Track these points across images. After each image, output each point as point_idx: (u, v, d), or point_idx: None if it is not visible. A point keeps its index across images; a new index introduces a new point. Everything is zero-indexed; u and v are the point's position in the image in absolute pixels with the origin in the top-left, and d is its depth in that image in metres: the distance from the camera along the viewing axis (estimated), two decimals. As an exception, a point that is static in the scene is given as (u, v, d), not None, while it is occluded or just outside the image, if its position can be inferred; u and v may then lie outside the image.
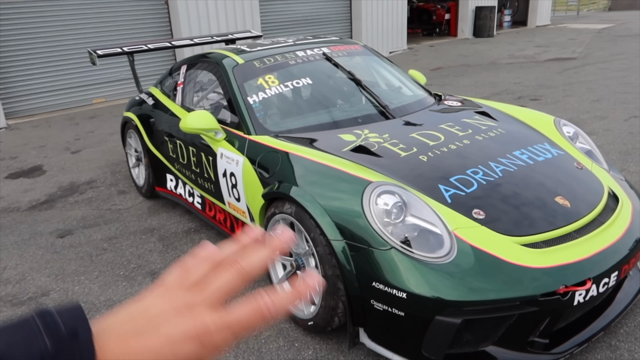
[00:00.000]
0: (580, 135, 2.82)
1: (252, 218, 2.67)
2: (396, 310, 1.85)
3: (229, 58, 3.22)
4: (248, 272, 0.43)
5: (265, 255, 0.44)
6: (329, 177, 2.20)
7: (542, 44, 12.95)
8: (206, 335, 0.39)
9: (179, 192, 3.65)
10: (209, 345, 0.39)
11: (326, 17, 11.83)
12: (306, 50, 3.30)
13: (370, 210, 1.96)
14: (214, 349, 0.40)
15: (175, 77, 3.91)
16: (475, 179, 2.19)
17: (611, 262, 1.95)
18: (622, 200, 2.30)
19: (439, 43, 14.73)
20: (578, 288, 1.83)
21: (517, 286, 1.80)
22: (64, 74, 8.13)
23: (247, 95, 2.93)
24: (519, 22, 18.99)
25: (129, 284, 2.90)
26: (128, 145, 4.35)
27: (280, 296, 0.42)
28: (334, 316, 2.10)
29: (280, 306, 0.42)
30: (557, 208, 2.10)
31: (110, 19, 8.40)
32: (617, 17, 20.49)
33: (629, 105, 6.03)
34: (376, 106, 2.96)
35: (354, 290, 1.96)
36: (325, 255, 2.04)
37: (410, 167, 2.26)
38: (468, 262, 1.84)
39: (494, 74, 9.03)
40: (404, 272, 1.83)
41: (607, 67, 8.75)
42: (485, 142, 2.52)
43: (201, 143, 3.06)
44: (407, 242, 1.89)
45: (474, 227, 1.96)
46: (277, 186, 2.32)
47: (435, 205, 2.03)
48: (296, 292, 0.43)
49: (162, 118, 3.72)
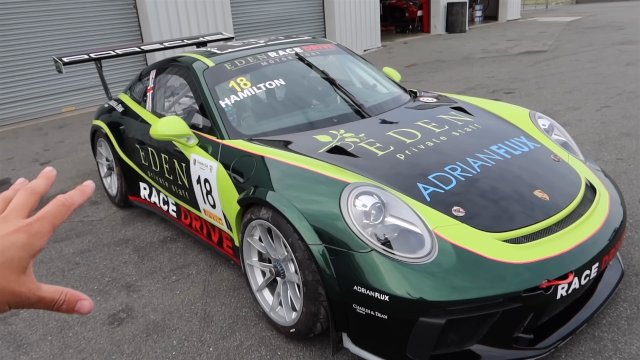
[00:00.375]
0: (555, 127, 2.82)
1: (228, 225, 2.59)
2: (379, 313, 1.81)
3: (199, 61, 3.13)
4: (33, 188, 0.57)
5: (40, 180, 0.59)
6: (306, 180, 2.15)
7: (514, 37, 13.12)
8: (28, 226, 0.52)
9: (153, 201, 3.55)
10: (33, 232, 0.52)
11: (299, 17, 11.76)
12: (278, 51, 3.23)
13: (349, 212, 1.91)
14: (38, 235, 0.52)
15: (144, 83, 3.80)
16: (454, 175, 2.16)
17: (592, 253, 1.94)
18: (600, 191, 2.30)
19: (413, 40, 14.81)
20: (560, 282, 1.81)
21: (500, 283, 1.78)
22: (30, 83, 7.88)
23: (218, 99, 2.85)
24: (490, 17, 19.25)
25: (103, 299, 2.79)
26: (99, 155, 4.22)
27: (72, 192, 0.58)
28: (316, 322, 2.05)
29: (73, 196, 0.57)
30: (536, 202, 2.08)
31: (78, 24, 8.18)
32: (584, 9, 20.93)
33: (600, 95, 6.13)
34: (351, 105, 2.91)
35: (335, 295, 1.90)
36: (304, 260, 1.98)
37: (387, 167, 2.22)
38: (450, 261, 1.81)
39: (468, 68, 9.10)
40: (385, 275, 1.79)
41: (577, 59, 8.90)
42: (462, 138, 2.50)
43: (173, 150, 2.97)
44: (387, 243, 1.85)
45: (454, 224, 1.93)
46: (253, 191, 2.26)
47: (414, 204, 1.99)
48: (80, 189, 0.59)
49: (132, 125, 3.61)
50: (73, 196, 0.58)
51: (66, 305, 0.54)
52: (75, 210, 0.57)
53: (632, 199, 3.27)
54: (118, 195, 3.94)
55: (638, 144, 4.28)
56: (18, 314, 2.70)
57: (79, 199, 0.58)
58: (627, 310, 2.23)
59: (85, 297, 0.56)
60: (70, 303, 0.55)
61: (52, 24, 7.93)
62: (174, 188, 3.13)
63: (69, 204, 0.56)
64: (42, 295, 0.53)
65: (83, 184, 0.60)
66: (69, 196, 0.57)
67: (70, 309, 0.55)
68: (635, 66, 7.70)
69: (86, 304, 0.56)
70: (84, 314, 0.58)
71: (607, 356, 1.98)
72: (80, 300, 0.55)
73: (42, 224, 0.53)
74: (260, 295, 2.41)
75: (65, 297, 0.54)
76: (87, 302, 0.56)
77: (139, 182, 3.67)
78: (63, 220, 0.56)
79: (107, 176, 4.18)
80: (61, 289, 0.54)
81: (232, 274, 2.90)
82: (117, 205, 4.05)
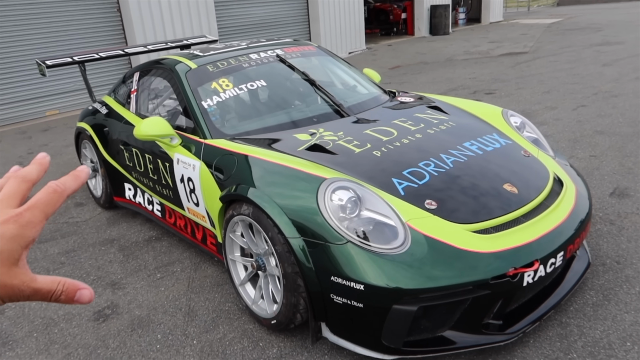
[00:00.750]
0: (527, 124, 2.94)
1: (212, 222, 2.66)
2: (355, 302, 1.89)
3: (182, 63, 3.19)
4: (24, 176, 0.54)
5: (33, 167, 0.56)
6: (285, 177, 2.22)
7: (496, 39, 13.35)
8: (18, 216, 0.50)
9: (138, 201, 3.59)
10: (23, 222, 0.50)
11: (284, 20, 11.85)
12: (260, 53, 3.31)
13: (326, 206, 1.99)
14: (30, 225, 0.50)
15: (128, 85, 3.85)
16: (427, 170, 2.25)
17: (557, 243, 2.04)
18: (567, 184, 2.41)
19: (397, 42, 14.98)
20: (526, 269, 1.91)
21: (470, 271, 1.87)
22: (14, 87, 7.85)
23: (201, 100, 2.92)
24: (473, 19, 19.53)
25: (89, 297, 2.83)
26: (83, 157, 4.25)
27: (64, 178, 0.55)
28: (295, 313, 2.12)
29: (65, 182, 0.55)
30: (505, 194, 2.18)
31: (61, 28, 8.17)
32: (565, 12, 21.32)
33: (577, 95, 6.30)
34: (331, 105, 2.99)
35: (313, 286, 1.98)
36: (284, 253, 2.06)
37: (364, 163, 2.31)
38: (422, 251, 1.90)
39: (451, 70, 9.26)
40: (360, 265, 1.87)
41: (557, 60, 9.10)
42: (437, 135, 2.60)
43: (157, 150, 3.02)
44: (363, 236, 1.93)
45: (427, 217, 2.01)
46: (235, 188, 2.33)
47: (389, 198, 2.07)
48: (74, 174, 0.57)
49: (116, 127, 3.66)
50: (66, 182, 0.55)
51: (65, 295, 0.52)
52: (69, 196, 0.55)
53: (602, 194, 3.40)
54: (103, 196, 3.98)
55: (611, 142, 4.42)
56: (3, 313, 2.74)
57: (73, 185, 0.55)
58: (593, 297, 2.34)
59: (84, 285, 0.53)
60: (69, 293, 0.52)
61: (35, 27, 7.91)
62: (158, 188, 3.18)
63: (62, 190, 0.54)
64: (38, 287, 0.51)
65: (77, 169, 0.58)
66: (62, 182, 0.54)
67: (69, 299, 0.53)
68: (611, 67, 7.91)
69: (86, 292, 0.53)
70: (84, 304, 0.54)
71: (572, 340, 2.08)
72: (80, 289, 0.53)
73: (34, 212, 0.51)
74: (243, 289, 2.47)
75: (63, 287, 0.52)
76: (87, 290, 0.53)
77: (123, 183, 3.71)
78: (56, 208, 0.53)
79: (91, 178, 4.21)
80: (58, 279, 0.52)
81: (216, 270, 2.96)
82: (102, 207, 4.08)
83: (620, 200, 3.28)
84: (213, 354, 2.26)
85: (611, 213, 3.11)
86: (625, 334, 2.09)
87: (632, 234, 2.84)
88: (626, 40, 10.63)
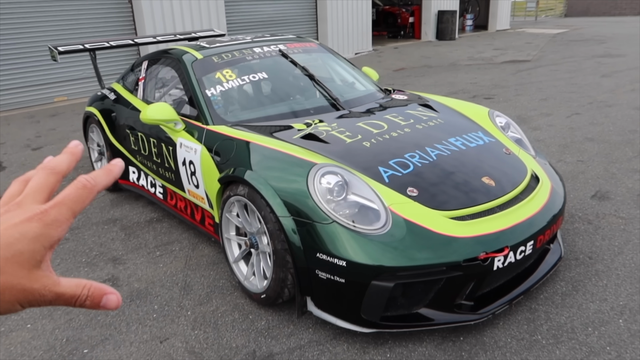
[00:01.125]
0: (511, 125, 3.10)
1: (210, 203, 2.82)
2: (338, 277, 2.05)
3: (188, 54, 3.36)
4: (53, 167, 0.51)
5: (63, 157, 0.52)
6: (279, 161, 2.39)
7: (500, 47, 13.50)
8: (42, 213, 0.46)
9: (142, 184, 3.76)
10: (48, 220, 0.46)
11: (292, 19, 12.02)
12: (263, 47, 3.48)
13: (315, 189, 2.15)
14: (55, 223, 0.46)
15: (137, 73, 4.02)
16: (412, 161, 2.41)
17: (527, 233, 2.20)
18: (543, 181, 2.57)
19: (403, 45, 15.14)
20: (497, 254, 2.07)
21: (444, 253, 2.03)
22: (24, 72, 8.05)
23: (205, 88, 3.09)
24: (480, 26, 19.68)
25: (91, 269, 3.00)
26: (90, 140, 4.43)
27: (96, 172, 0.51)
28: (284, 288, 2.28)
29: (97, 177, 0.50)
30: (482, 187, 2.34)
31: (73, 16, 8.37)
32: (572, 22, 21.45)
33: (573, 103, 6.45)
34: (328, 99, 3.16)
35: (300, 262, 2.14)
36: (275, 231, 2.22)
37: (354, 152, 2.47)
38: (401, 232, 2.06)
39: (453, 74, 9.41)
40: (343, 243, 2.03)
41: (558, 69, 9.24)
42: (425, 130, 2.76)
43: (162, 135, 3.19)
44: (347, 217, 2.09)
45: (407, 202, 2.18)
46: (233, 170, 2.49)
47: (374, 184, 2.24)
48: (107, 168, 0.53)
49: (123, 112, 3.83)
50: (97, 177, 0.50)
51: (90, 300, 0.48)
52: (99, 192, 0.51)
53: (584, 196, 3.55)
54: (108, 178, 4.14)
55: (599, 148, 4.58)
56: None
57: (104, 180, 0.51)
58: (562, 288, 2.50)
59: (112, 290, 0.49)
60: (95, 298, 0.48)
61: (47, 15, 8.11)
62: (161, 171, 3.35)
63: (92, 186, 0.49)
64: (61, 292, 0.46)
65: (111, 162, 0.54)
66: (93, 177, 0.50)
67: (95, 304, 0.48)
68: (610, 78, 8.05)
69: (113, 298, 0.49)
70: (111, 310, 0.49)
71: (538, 324, 2.24)
72: (106, 294, 0.49)
73: (60, 210, 0.47)
74: (236, 266, 2.64)
75: (89, 292, 0.48)
76: (114, 296, 0.49)
77: (128, 166, 3.88)
78: (85, 205, 0.49)
79: (97, 161, 4.38)
80: (83, 283, 0.48)
81: (212, 250, 3.13)
82: (107, 189, 4.25)
83: (601, 202, 3.43)
84: (206, 324, 2.42)
85: (590, 213, 3.27)
86: (588, 320, 2.25)
87: (607, 233, 3.00)
88: (627, 53, 10.78)
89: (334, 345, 2.20)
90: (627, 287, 2.47)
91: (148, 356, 2.23)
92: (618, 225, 3.09)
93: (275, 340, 2.26)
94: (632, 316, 2.26)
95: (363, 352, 2.14)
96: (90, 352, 2.28)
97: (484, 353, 2.09)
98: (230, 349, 2.23)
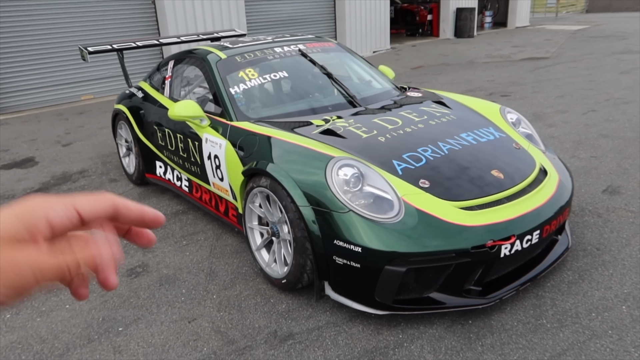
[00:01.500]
0: (522, 121, 3.20)
1: (234, 195, 3.00)
2: (353, 262, 2.20)
3: (213, 54, 3.55)
4: (105, 255, 0.47)
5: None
6: (299, 155, 2.55)
7: (519, 44, 13.44)
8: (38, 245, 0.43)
9: (168, 178, 3.96)
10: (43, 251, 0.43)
11: (311, 17, 12.18)
12: (283, 47, 3.64)
13: (332, 180, 2.31)
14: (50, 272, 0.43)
15: (163, 72, 4.22)
16: (425, 155, 2.55)
17: (534, 223, 2.31)
18: (551, 174, 2.68)
19: (421, 43, 15.17)
20: (504, 242, 2.20)
21: (453, 240, 2.16)
22: (52, 71, 8.37)
23: (229, 87, 3.27)
24: (500, 23, 19.55)
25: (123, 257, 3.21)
26: (119, 136, 4.65)
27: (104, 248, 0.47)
28: (303, 273, 2.45)
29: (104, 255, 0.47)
30: (491, 179, 2.47)
31: (98, 17, 8.66)
32: (593, 19, 21.16)
33: (590, 100, 6.47)
34: (345, 96, 3.31)
35: (319, 248, 2.30)
36: (295, 220, 2.38)
37: (369, 146, 2.62)
38: (413, 221, 2.20)
39: (470, 72, 9.46)
40: (359, 230, 2.18)
41: (576, 66, 9.22)
42: (437, 126, 2.89)
43: (188, 130, 3.38)
44: (363, 206, 2.24)
45: (420, 193, 2.32)
46: (256, 163, 2.66)
47: (388, 176, 2.38)
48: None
49: (151, 109, 4.03)
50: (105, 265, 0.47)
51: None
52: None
53: (595, 190, 3.64)
54: (135, 173, 4.37)
55: (613, 144, 4.63)
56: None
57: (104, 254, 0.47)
58: (569, 277, 2.61)
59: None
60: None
61: (75, 17, 8.42)
62: (187, 165, 3.54)
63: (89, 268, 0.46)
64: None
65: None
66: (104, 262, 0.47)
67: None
68: (629, 74, 8.02)
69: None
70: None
71: (544, 310, 2.36)
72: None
73: (65, 258, 0.44)
74: (259, 254, 2.81)
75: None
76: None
77: (155, 161, 4.09)
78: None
79: (125, 156, 4.61)
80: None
81: (236, 240, 3.31)
82: (134, 183, 4.47)
83: (611, 196, 3.52)
84: (230, 306, 2.60)
85: (600, 207, 3.36)
86: (592, 306, 2.36)
87: (616, 226, 3.09)
88: (649, 50, 10.66)
89: (350, 326, 2.36)
90: (632, 277, 2.57)
91: (177, 334, 2.41)
92: (627, 219, 3.18)
93: (295, 322, 2.43)
94: (635, 303, 2.36)
95: (377, 333, 2.29)
96: (124, 329, 2.48)
97: (491, 335, 2.22)
98: (253, 329, 2.40)
